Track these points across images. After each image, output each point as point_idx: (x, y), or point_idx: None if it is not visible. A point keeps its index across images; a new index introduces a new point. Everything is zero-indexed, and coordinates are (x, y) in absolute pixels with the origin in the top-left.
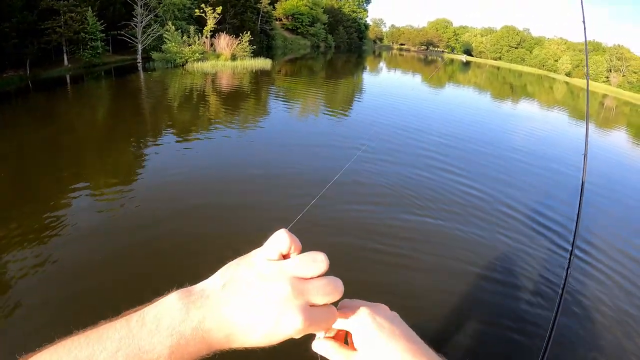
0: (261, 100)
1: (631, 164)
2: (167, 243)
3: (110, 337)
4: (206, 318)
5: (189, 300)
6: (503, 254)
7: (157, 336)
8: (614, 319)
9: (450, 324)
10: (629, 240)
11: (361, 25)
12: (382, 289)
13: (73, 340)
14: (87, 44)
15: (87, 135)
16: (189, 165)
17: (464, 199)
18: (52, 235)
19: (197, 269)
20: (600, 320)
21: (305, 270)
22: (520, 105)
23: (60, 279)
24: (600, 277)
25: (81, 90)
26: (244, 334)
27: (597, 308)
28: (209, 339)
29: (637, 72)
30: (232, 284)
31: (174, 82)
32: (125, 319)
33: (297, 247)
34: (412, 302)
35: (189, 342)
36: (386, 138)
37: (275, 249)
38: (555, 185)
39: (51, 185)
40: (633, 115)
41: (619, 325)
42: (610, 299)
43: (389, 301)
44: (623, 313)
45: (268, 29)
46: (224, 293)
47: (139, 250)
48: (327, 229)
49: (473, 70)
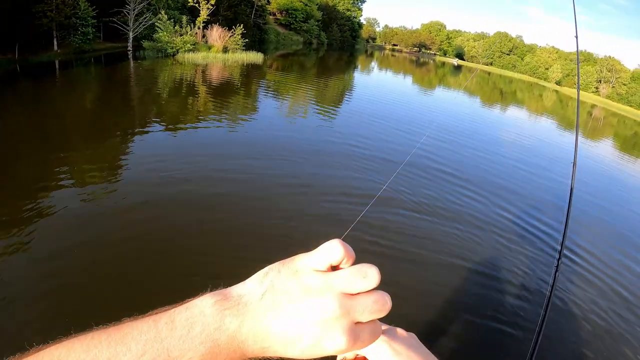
0: (250, 96)
1: (616, 174)
2: (150, 233)
3: (135, 338)
4: (243, 327)
5: (225, 306)
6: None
7: (188, 342)
8: (599, 315)
9: (452, 318)
10: (612, 242)
11: (355, 24)
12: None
13: (92, 338)
14: (77, 29)
15: (74, 121)
16: (175, 155)
17: (458, 199)
18: (31, 222)
19: (181, 260)
20: (586, 316)
21: (355, 286)
22: (512, 112)
23: (37, 268)
24: (586, 275)
25: (70, 76)
26: (281, 347)
27: (583, 305)
28: (243, 348)
29: (626, 84)
30: (273, 293)
31: (163, 72)
32: (152, 320)
33: (350, 258)
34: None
35: (222, 350)
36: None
37: (325, 260)
38: (545, 190)
39: (34, 169)
40: (620, 126)
41: (602, 319)
42: (597, 296)
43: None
44: (607, 309)
45: (261, 23)
46: (264, 302)
47: (123, 242)
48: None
49: (464, 74)
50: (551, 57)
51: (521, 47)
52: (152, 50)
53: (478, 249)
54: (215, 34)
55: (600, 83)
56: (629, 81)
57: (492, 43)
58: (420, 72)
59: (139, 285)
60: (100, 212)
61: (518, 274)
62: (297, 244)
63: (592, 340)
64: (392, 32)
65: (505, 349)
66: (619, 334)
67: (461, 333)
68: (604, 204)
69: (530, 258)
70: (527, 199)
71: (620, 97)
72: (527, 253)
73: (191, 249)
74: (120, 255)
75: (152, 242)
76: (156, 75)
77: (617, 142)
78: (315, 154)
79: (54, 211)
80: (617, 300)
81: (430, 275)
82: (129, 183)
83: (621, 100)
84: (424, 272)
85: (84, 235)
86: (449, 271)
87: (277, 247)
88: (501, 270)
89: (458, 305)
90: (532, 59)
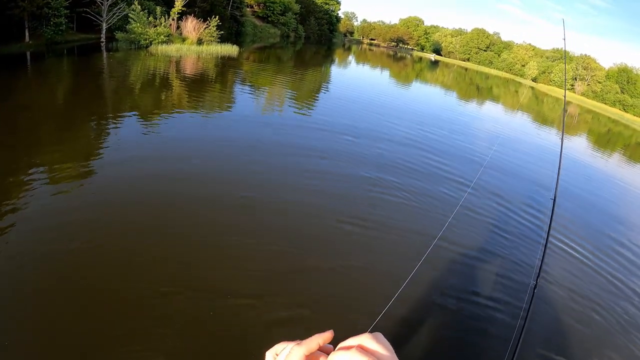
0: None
1: (594, 169)
2: (119, 230)
3: None
4: None
5: None
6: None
7: None
8: (580, 302)
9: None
10: (592, 231)
11: (333, 17)
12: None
13: None
14: (50, 20)
15: (45, 113)
16: (148, 150)
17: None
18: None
19: (149, 254)
20: (568, 303)
21: None
22: (493, 108)
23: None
24: (571, 260)
25: (41, 68)
26: None
27: (566, 292)
28: None
29: (601, 82)
30: None
31: (135, 65)
32: None
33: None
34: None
35: None
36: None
37: None
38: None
39: (4, 163)
40: (594, 123)
41: (581, 306)
42: (579, 284)
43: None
44: (589, 293)
45: (238, 15)
46: None
47: (91, 239)
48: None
49: (441, 70)
50: (527, 54)
51: (498, 43)
52: (125, 42)
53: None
54: (190, 25)
55: (575, 80)
56: (604, 79)
57: (469, 39)
58: (397, 66)
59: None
60: (72, 206)
61: (504, 263)
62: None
63: (575, 326)
64: (370, 27)
65: (490, 331)
66: (604, 319)
67: (446, 320)
68: (584, 195)
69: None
70: (516, 191)
71: (595, 95)
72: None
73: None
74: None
75: (122, 242)
76: (127, 68)
77: (592, 137)
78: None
79: (23, 207)
80: (598, 284)
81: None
82: (100, 178)
83: (596, 97)
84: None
85: (53, 234)
86: (434, 256)
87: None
88: (488, 256)
89: (441, 291)
90: (509, 55)
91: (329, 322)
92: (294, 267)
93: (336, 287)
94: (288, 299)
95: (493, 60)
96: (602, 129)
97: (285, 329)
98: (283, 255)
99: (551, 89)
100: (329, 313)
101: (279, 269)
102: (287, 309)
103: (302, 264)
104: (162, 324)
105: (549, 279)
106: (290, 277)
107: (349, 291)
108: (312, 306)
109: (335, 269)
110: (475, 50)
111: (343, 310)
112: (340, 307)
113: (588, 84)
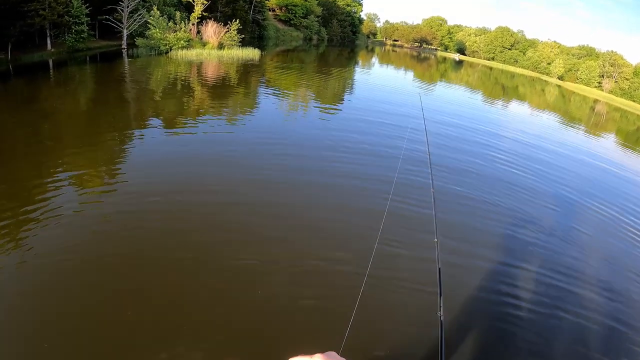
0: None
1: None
2: (147, 237)
3: None
4: None
5: None
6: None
7: None
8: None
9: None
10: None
11: (355, 19)
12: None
13: None
14: (71, 28)
15: (68, 121)
16: (174, 156)
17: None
18: (26, 225)
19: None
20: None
21: None
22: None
23: (35, 272)
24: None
25: (64, 76)
26: None
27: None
28: None
29: (629, 78)
30: None
31: (156, 70)
32: None
33: None
34: None
35: None
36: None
37: None
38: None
39: (29, 171)
40: (622, 121)
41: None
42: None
43: None
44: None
45: (260, 19)
46: None
47: (121, 248)
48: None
49: (465, 69)
50: (553, 52)
51: (523, 41)
52: (145, 48)
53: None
54: (210, 29)
55: (603, 78)
56: (632, 76)
57: (493, 38)
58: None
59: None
60: (97, 214)
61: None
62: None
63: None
64: (393, 28)
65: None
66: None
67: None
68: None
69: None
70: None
71: (623, 92)
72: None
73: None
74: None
75: (151, 248)
76: (148, 75)
77: (620, 137)
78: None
79: (49, 214)
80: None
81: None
82: (124, 186)
83: (624, 95)
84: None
85: (76, 239)
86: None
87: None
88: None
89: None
90: (534, 53)
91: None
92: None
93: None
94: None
95: (518, 58)
96: (631, 127)
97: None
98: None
99: (578, 86)
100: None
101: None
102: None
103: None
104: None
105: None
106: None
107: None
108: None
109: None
110: (500, 49)
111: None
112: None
113: (616, 81)
